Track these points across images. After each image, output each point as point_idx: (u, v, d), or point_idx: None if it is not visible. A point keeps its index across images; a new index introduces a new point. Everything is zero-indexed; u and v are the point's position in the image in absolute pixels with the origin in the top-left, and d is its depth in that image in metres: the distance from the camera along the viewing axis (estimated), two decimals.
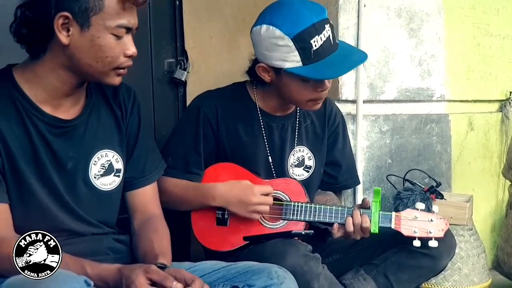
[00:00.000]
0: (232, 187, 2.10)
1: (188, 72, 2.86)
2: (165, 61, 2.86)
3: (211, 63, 2.89)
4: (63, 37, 1.58)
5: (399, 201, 2.62)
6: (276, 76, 2.06)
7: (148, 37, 2.79)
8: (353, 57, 2.09)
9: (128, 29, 1.63)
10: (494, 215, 3.31)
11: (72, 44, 1.59)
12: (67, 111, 1.72)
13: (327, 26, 2.00)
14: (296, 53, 1.97)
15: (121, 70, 1.68)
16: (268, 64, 2.04)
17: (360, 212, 2.06)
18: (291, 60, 1.99)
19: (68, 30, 1.58)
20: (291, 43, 1.96)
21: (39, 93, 1.66)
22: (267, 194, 2.09)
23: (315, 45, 1.97)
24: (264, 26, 2.01)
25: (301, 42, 1.96)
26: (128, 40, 1.65)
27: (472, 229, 2.79)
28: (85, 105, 1.77)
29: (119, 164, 1.83)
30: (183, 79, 2.84)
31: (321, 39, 1.98)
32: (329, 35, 2.00)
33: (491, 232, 3.30)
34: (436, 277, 2.35)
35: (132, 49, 1.66)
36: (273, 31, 1.98)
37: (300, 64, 1.98)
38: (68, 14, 1.56)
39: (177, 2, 2.85)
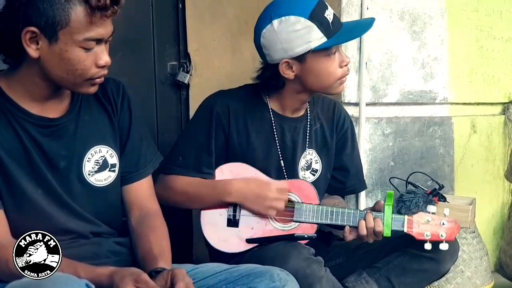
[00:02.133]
0: (248, 183, 2.10)
1: (191, 74, 2.86)
2: (168, 64, 2.87)
3: (214, 65, 2.89)
4: (32, 50, 1.58)
5: (401, 203, 2.62)
6: (301, 66, 2.07)
7: (151, 40, 2.80)
8: (363, 22, 2.24)
9: (99, 40, 1.62)
10: (497, 218, 3.31)
11: (42, 57, 1.59)
12: (54, 109, 1.73)
13: (329, 6, 2.08)
14: (317, 29, 2.01)
15: (96, 80, 1.67)
16: (291, 56, 2.05)
17: (373, 215, 2.06)
18: (314, 38, 2.02)
19: (37, 43, 1.57)
20: (309, 23, 2.00)
21: (23, 96, 1.67)
22: (283, 191, 2.09)
23: (329, 18, 2.04)
24: (276, 21, 2.03)
25: (317, 18, 2.01)
26: (100, 50, 1.63)
27: (474, 232, 2.79)
28: (73, 101, 1.77)
29: (113, 159, 1.83)
30: (186, 81, 2.84)
31: (331, 13, 2.06)
32: (333, 11, 2.08)
33: (493, 235, 3.30)
34: (438, 280, 2.35)
35: (104, 59, 1.64)
36: (286, 20, 2.01)
37: (324, 39, 2.02)
38: (35, 29, 1.55)
39: (180, 5, 2.85)
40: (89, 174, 1.78)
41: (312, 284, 1.90)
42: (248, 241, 2.08)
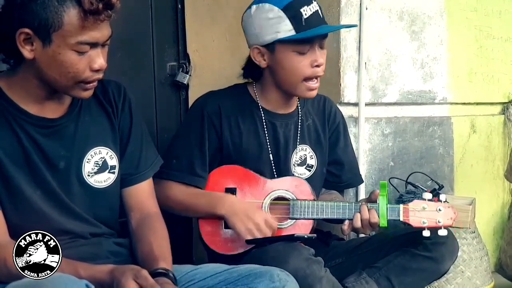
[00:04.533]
0: (242, 201, 2.11)
1: (190, 75, 2.86)
2: (167, 65, 2.87)
3: (213, 66, 2.89)
4: (26, 52, 1.59)
5: (401, 204, 2.61)
6: (271, 55, 2.10)
7: (151, 40, 2.80)
8: (343, 26, 2.24)
9: (93, 44, 1.61)
10: (497, 218, 3.31)
11: (37, 58, 1.60)
12: (54, 110, 1.74)
13: (314, 2, 2.07)
14: (288, 22, 2.03)
15: (88, 85, 1.67)
16: (261, 43, 2.09)
17: (367, 207, 2.05)
18: (283, 30, 2.04)
19: (32, 45, 1.58)
20: (281, 13, 2.03)
21: (22, 97, 1.68)
22: (270, 226, 2.07)
23: (305, 14, 2.03)
24: (254, 6, 2.09)
25: (291, 11, 2.02)
26: (95, 54, 1.63)
27: (474, 232, 2.79)
28: (73, 102, 1.78)
29: (113, 161, 1.83)
30: (185, 82, 2.84)
31: (310, 10, 2.05)
32: (317, 10, 2.07)
33: (493, 235, 3.30)
34: (438, 280, 2.35)
35: (98, 63, 1.64)
36: (262, 6, 2.06)
37: (293, 32, 2.04)
38: (28, 31, 1.56)
39: (179, 6, 2.86)
40: (88, 175, 1.78)
41: (312, 284, 1.90)
42: (248, 242, 2.08)
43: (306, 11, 2.03)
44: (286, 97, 2.21)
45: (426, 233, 2.04)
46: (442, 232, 2.04)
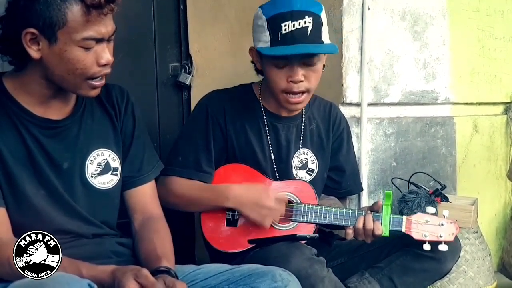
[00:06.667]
0: (247, 189, 2.11)
1: (192, 76, 2.86)
2: (169, 65, 2.87)
3: (215, 66, 2.89)
4: (33, 52, 1.60)
5: (404, 204, 2.62)
6: (261, 61, 2.13)
7: (153, 41, 2.80)
8: (320, 49, 2.07)
9: (99, 40, 1.62)
10: (499, 218, 3.30)
11: (44, 57, 1.61)
12: (58, 112, 1.75)
13: (308, 18, 2.01)
14: (267, 33, 2.04)
15: (96, 83, 1.67)
16: (256, 46, 2.11)
17: (372, 216, 2.05)
18: (263, 40, 2.06)
19: (38, 44, 1.59)
20: (265, 23, 2.04)
21: (27, 98, 1.69)
22: (281, 201, 2.08)
23: (285, 29, 2.00)
24: (258, 9, 2.11)
25: (273, 24, 2.02)
26: (101, 48, 1.64)
27: (477, 232, 2.79)
28: (76, 104, 1.79)
29: (116, 163, 1.85)
30: (187, 83, 2.84)
31: (294, 26, 2.00)
32: (307, 27, 2.00)
33: (496, 235, 3.29)
34: (441, 280, 2.35)
35: (105, 57, 1.64)
36: (258, 11, 2.09)
37: (267, 44, 2.04)
38: (34, 30, 1.57)
39: (182, 6, 2.86)
40: (92, 176, 1.80)
41: (314, 284, 1.90)
42: (250, 241, 2.09)
43: (288, 26, 1.99)
44: None
45: (427, 247, 2.05)
46: (443, 247, 2.05)
